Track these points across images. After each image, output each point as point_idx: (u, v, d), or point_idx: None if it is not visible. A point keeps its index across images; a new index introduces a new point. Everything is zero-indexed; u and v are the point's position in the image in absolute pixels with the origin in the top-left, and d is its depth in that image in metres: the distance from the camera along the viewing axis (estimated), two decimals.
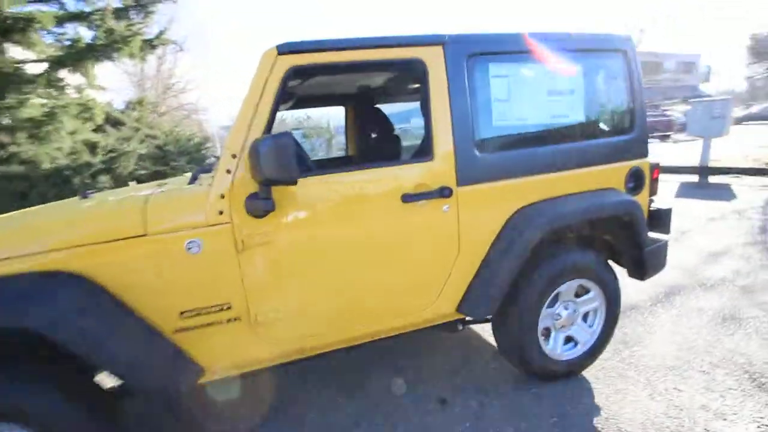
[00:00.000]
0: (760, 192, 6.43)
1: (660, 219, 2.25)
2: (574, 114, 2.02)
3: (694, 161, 7.88)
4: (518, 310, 1.92)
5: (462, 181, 1.78)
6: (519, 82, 1.89)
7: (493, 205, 1.86)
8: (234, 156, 1.53)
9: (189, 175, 2.17)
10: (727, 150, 9.71)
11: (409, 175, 1.73)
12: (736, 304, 2.82)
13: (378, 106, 2.89)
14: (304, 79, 2.18)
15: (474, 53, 1.79)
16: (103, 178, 6.32)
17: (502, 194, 1.86)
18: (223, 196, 1.51)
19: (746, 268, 3.44)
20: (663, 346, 2.39)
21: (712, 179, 7.46)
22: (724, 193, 6.51)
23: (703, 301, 2.92)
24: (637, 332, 2.56)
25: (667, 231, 2.27)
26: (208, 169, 1.99)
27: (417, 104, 3.40)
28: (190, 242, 1.47)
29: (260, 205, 1.48)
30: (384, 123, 2.78)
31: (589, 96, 2.05)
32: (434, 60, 1.74)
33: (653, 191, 2.26)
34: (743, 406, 1.87)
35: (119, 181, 6.58)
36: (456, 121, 1.76)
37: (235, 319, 1.56)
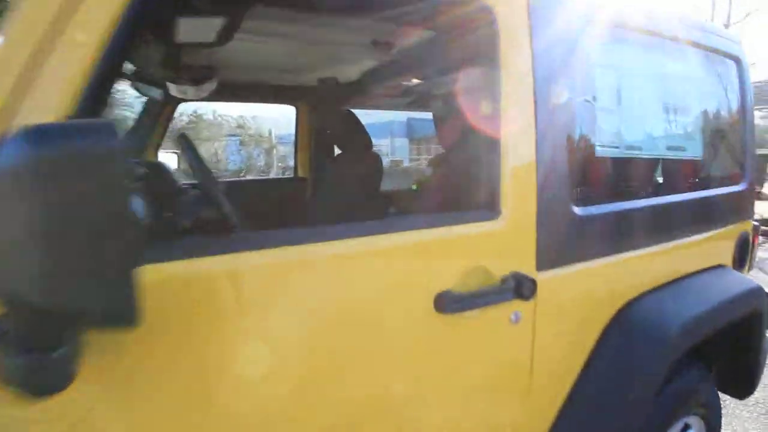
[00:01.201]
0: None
1: None
2: (691, 146, 1.26)
3: None
4: None
5: (546, 261, 0.90)
6: (635, 83, 1.08)
7: (588, 304, 1.01)
8: None
9: None
10: None
11: (449, 251, 0.81)
12: None
13: (351, 109, 1.94)
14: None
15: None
16: None
17: (602, 282, 1.02)
18: None
19: None
20: None
21: None
22: None
23: None
24: None
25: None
26: None
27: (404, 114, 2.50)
28: None
29: (31, 366, 0.42)
30: (358, 134, 1.84)
31: (705, 120, 1.31)
32: (512, 14, 0.86)
33: (751, 265, 1.59)
34: None
35: None
36: (541, 141, 0.89)
37: None
